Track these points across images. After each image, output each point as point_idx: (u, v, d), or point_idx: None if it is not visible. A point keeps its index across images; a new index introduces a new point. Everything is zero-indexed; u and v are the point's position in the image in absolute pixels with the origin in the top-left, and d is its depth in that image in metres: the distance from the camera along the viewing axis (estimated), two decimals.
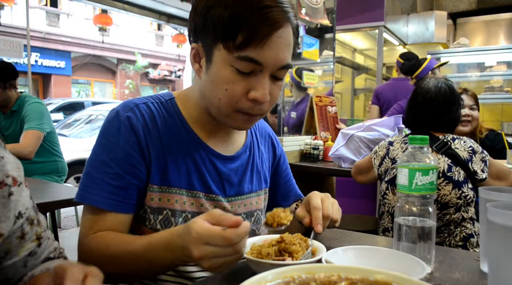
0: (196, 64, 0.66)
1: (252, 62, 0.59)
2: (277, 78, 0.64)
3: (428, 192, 0.60)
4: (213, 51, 0.62)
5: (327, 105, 2.58)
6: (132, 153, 0.65)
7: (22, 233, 0.50)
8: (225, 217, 0.51)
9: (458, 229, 1.28)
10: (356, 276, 0.42)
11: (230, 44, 0.59)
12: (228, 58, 0.60)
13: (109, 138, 0.66)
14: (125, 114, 0.66)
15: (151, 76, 14.66)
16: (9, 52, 2.80)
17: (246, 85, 0.62)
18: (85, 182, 0.65)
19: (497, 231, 0.46)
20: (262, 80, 0.61)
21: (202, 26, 0.62)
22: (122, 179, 0.64)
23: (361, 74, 5.01)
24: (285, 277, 0.41)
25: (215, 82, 0.62)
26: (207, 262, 0.51)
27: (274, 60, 0.60)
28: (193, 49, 0.66)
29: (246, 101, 0.62)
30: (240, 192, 0.76)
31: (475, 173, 1.26)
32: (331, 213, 0.67)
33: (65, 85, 11.99)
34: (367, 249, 0.61)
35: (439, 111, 1.32)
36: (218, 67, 0.61)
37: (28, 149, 1.93)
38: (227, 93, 0.62)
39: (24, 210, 0.50)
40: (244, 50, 0.59)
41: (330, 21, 2.80)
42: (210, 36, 0.61)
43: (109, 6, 6.19)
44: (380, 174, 1.44)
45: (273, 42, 0.59)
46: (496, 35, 4.73)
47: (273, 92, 0.64)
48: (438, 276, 0.59)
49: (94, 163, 0.65)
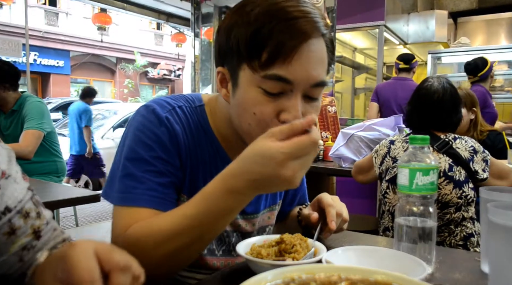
0: (223, 89, 0.61)
1: (280, 81, 0.53)
2: (311, 98, 0.57)
3: (428, 192, 0.60)
4: (238, 74, 0.57)
5: (327, 105, 2.58)
6: (174, 154, 0.61)
7: (11, 229, 0.47)
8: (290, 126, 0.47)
9: (459, 229, 1.28)
10: (356, 277, 0.42)
11: (255, 63, 0.54)
12: (254, 79, 0.55)
13: (149, 135, 0.60)
14: (164, 115, 0.61)
15: (151, 76, 14.65)
16: (8, 51, 2.79)
17: (276, 107, 0.55)
18: (124, 182, 0.59)
19: (498, 231, 0.45)
20: (294, 100, 0.55)
21: (225, 47, 0.57)
22: (165, 176, 0.60)
23: (361, 74, 5.01)
24: (285, 277, 0.41)
25: (243, 106, 0.57)
26: (299, 175, 0.48)
27: (305, 76, 0.54)
28: (218, 73, 0.61)
29: (277, 125, 0.53)
30: (256, 210, 0.74)
31: (476, 173, 1.26)
32: (342, 213, 0.67)
33: (64, 84, 11.98)
34: (367, 249, 0.60)
35: (448, 112, 1.32)
36: (245, 89, 0.56)
37: (28, 148, 1.92)
38: (256, 117, 0.56)
39: (15, 203, 0.48)
40: (271, 68, 0.53)
41: (331, 20, 2.80)
42: (235, 57, 0.56)
43: (108, 5, 6.18)
44: (380, 173, 1.44)
45: (302, 56, 0.53)
46: (497, 34, 4.73)
47: (307, 114, 0.55)
48: (439, 276, 0.59)
49: (131, 161, 0.60)
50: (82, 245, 0.35)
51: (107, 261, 0.35)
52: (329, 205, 0.67)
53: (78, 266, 0.33)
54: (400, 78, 2.96)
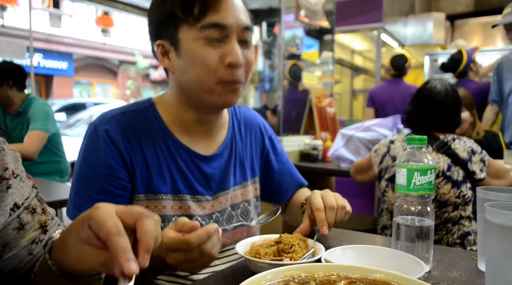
0: (166, 60, 0.68)
1: (216, 27, 0.63)
2: (245, 41, 0.67)
3: (426, 191, 0.61)
4: (178, 37, 0.65)
5: (326, 106, 2.59)
6: (115, 166, 0.66)
7: (20, 224, 0.49)
8: (187, 223, 0.52)
9: (456, 227, 1.29)
10: (355, 275, 0.42)
11: (190, 19, 0.63)
12: (194, 33, 0.64)
13: (91, 153, 0.67)
14: (103, 128, 0.67)
15: (152, 78, 14.66)
16: (12, 53, 2.78)
17: (219, 53, 0.65)
18: (73, 200, 0.66)
19: (494, 230, 0.46)
20: (232, 43, 0.65)
21: (162, 18, 0.66)
22: (109, 193, 0.65)
23: (359, 75, 5.03)
24: (285, 276, 0.41)
25: (191, 60, 0.65)
26: (183, 267, 0.53)
27: (235, 21, 0.65)
28: (158, 46, 0.68)
29: (223, 69, 0.65)
30: (225, 187, 0.77)
31: (474, 173, 1.27)
32: (335, 204, 0.67)
33: (67, 86, 11.98)
34: (366, 248, 0.61)
35: (449, 113, 1.34)
36: (189, 45, 0.65)
37: (32, 149, 1.93)
38: (204, 64, 0.64)
39: (22, 200, 0.50)
40: (206, 18, 0.63)
41: (329, 22, 2.81)
42: (172, 24, 0.65)
43: (110, 7, 6.22)
44: (380, 171, 1.45)
45: (227, 5, 0.64)
46: (493, 36, 4.76)
47: (247, 57, 0.67)
48: (437, 275, 0.59)
49: (80, 179, 0.66)
50: (103, 206, 0.38)
51: (130, 215, 0.38)
52: (316, 209, 0.67)
53: (104, 221, 0.36)
54: (393, 81, 2.94)
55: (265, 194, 0.87)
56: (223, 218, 0.76)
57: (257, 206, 0.84)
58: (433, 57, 4.03)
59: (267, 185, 0.87)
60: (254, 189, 0.83)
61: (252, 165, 0.83)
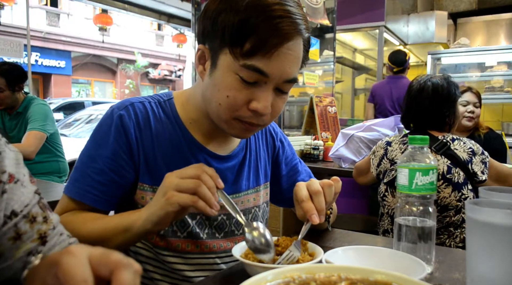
0: (201, 66, 0.65)
1: (257, 72, 0.58)
2: (281, 91, 0.62)
3: (428, 192, 0.60)
4: (219, 56, 0.60)
5: (327, 105, 2.58)
6: (120, 152, 0.66)
7: (16, 234, 0.46)
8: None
9: (458, 231, 1.27)
10: (356, 276, 0.42)
11: (237, 50, 0.58)
12: (234, 65, 0.59)
13: (101, 134, 0.67)
14: (118, 113, 0.67)
15: (151, 76, 14.66)
16: (9, 51, 2.79)
17: (249, 95, 0.60)
18: (73, 174, 0.68)
19: (475, 227, 0.46)
20: (266, 92, 0.60)
21: (211, 28, 0.60)
22: (105, 174, 0.66)
23: (361, 74, 5.01)
24: (285, 277, 0.41)
25: (218, 87, 0.61)
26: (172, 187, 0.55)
27: (280, 72, 0.59)
28: (199, 50, 0.64)
29: (246, 111, 0.61)
30: (237, 190, 0.76)
31: (475, 175, 1.25)
32: (320, 188, 0.63)
33: (65, 85, 11.99)
34: (367, 249, 0.61)
35: (437, 108, 1.30)
36: (223, 72, 0.60)
37: (30, 149, 1.93)
38: (228, 100, 0.60)
39: (21, 207, 0.47)
40: (251, 59, 0.57)
41: (331, 21, 2.80)
42: (218, 40, 0.59)
43: (109, 6, 6.19)
44: (378, 174, 1.44)
45: (281, 54, 0.57)
46: (496, 35, 4.73)
47: (276, 105, 0.63)
48: (438, 276, 0.59)
49: (83, 157, 0.68)
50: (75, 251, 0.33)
51: (106, 264, 0.33)
52: (302, 201, 0.62)
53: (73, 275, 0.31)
54: (394, 77, 2.96)
55: (274, 198, 0.86)
56: (230, 221, 0.74)
57: (266, 211, 0.83)
58: (435, 56, 4.01)
59: (276, 189, 0.85)
60: (266, 194, 0.82)
61: (265, 169, 0.82)
